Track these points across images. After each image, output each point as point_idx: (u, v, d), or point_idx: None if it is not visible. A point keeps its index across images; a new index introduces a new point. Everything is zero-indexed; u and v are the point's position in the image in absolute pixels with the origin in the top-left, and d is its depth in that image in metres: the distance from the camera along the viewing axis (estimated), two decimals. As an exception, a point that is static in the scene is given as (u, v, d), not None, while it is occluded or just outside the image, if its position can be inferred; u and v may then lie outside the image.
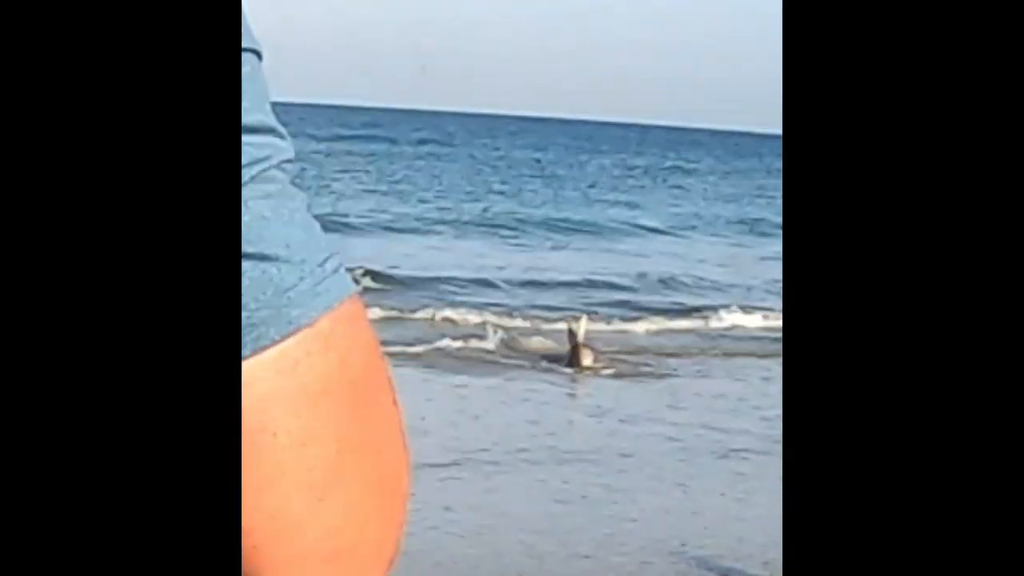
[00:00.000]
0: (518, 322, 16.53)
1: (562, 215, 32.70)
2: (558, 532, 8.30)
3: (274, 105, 0.86)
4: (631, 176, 52.99)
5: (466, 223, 29.60)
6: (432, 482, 9.11)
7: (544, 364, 14.03)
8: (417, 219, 29.58)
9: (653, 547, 8.09)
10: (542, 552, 7.93)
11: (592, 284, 20.77)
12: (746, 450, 10.49)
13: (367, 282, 18.93)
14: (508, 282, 20.33)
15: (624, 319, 17.19)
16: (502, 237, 27.81)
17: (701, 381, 13.78)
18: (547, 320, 16.47)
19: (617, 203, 38.61)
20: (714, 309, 18.68)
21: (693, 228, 32.84)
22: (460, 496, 8.94)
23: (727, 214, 36.98)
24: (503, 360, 14.21)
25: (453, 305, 17.63)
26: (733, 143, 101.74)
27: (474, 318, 16.55)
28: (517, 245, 26.75)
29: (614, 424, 11.40)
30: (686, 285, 21.49)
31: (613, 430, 11.14)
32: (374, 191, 36.50)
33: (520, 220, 30.73)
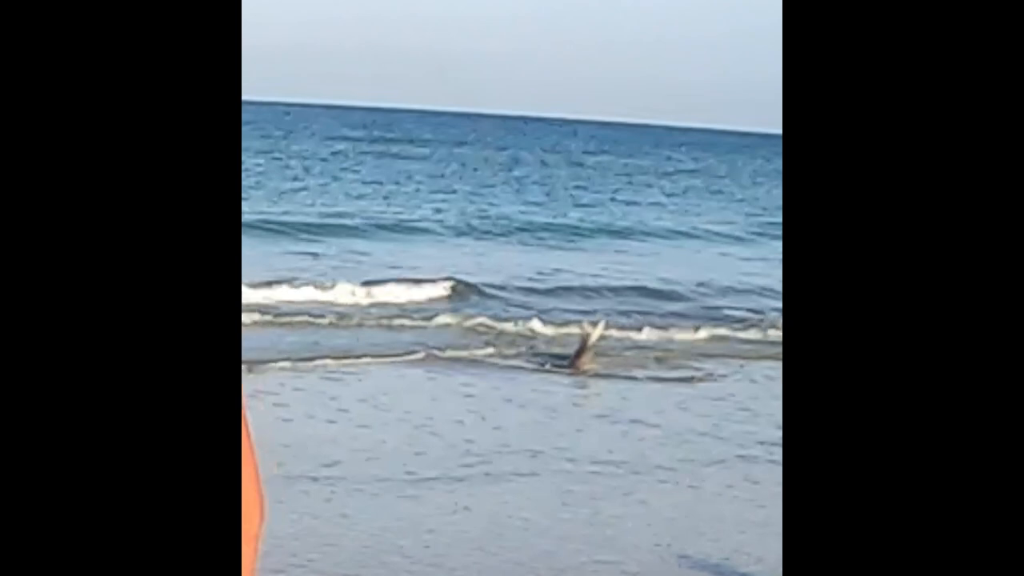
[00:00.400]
0: (523, 327, 16.44)
1: (576, 217, 32.61)
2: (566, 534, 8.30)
3: (283, 106, 0.87)
4: (637, 177, 52.86)
5: (473, 224, 29.50)
6: (435, 483, 9.12)
7: (548, 366, 13.96)
8: (426, 220, 29.50)
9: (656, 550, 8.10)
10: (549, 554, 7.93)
11: (608, 289, 20.63)
12: (754, 455, 10.47)
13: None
14: (514, 285, 20.24)
15: (635, 327, 16.90)
16: (513, 239, 27.71)
17: (710, 384, 13.70)
18: (567, 324, 16.28)
19: (625, 203, 38.52)
20: (721, 310, 18.68)
21: (711, 230, 32.68)
22: (460, 497, 8.93)
23: (739, 217, 36.79)
24: (501, 361, 14.16)
25: (469, 307, 17.60)
26: (741, 144, 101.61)
27: (487, 321, 16.50)
28: (527, 247, 26.66)
29: (612, 427, 11.37)
30: (703, 288, 21.37)
31: (609, 433, 11.11)
32: (378, 192, 36.44)
33: (530, 221, 30.62)
